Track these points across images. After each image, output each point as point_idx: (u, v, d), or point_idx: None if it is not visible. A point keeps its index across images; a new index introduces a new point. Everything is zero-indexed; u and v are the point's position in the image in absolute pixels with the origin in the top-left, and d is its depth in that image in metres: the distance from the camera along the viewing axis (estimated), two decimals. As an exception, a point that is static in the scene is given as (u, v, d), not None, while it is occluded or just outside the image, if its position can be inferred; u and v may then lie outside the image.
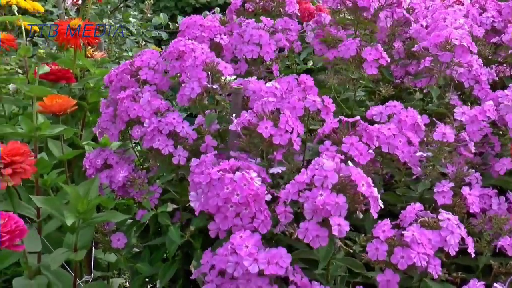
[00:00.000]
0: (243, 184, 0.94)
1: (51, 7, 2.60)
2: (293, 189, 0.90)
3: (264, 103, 1.05)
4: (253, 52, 1.29)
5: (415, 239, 0.88)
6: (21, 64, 1.92)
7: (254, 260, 0.89)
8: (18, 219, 0.93)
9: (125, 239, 1.19)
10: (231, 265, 0.89)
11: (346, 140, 1.01)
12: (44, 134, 1.30)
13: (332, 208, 0.86)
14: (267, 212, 0.96)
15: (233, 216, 0.95)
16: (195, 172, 1.04)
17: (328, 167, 0.88)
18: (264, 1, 1.48)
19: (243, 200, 0.94)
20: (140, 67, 1.25)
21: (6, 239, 0.90)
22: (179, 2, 4.64)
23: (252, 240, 0.91)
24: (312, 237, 0.87)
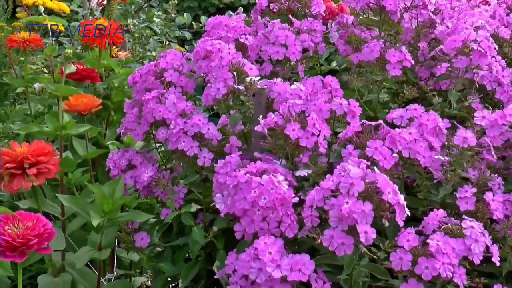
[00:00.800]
0: (270, 188, 0.93)
1: (76, 7, 2.62)
2: (318, 195, 0.89)
3: (291, 105, 1.04)
4: (279, 53, 1.28)
5: (440, 249, 0.86)
6: (47, 63, 1.95)
7: (277, 267, 0.88)
8: (46, 222, 0.92)
9: (148, 238, 1.20)
10: (253, 271, 0.89)
11: (370, 144, 0.99)
12: (69, 133, 1.31)
13: (359, 216, 0.85)
14: (293, 216, 0.95)
15: (259, 220, 0.94)
16: (219, 172, 1.04)
17: (354, 174, 0.87)
18: (290, 2, 1.48)
19: (270, 204, 0.93)
20: (165, 69, 1.25)
21: (35, 243, 0.89)
22: (203, 2, 4.66)
23: (276, 246, 0.90)
24: (337, 244, 0.86)
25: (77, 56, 1.66)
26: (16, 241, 0.88)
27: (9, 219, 0.91)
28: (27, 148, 1.17)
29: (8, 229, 0.89)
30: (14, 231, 0.89)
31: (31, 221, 0.91)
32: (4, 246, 0.88)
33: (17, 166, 1.14)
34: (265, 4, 1.47)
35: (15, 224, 0.90)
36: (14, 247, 0.88)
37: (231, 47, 1.23)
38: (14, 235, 0.88)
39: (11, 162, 1.14)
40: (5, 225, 0.90)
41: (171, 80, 1.24)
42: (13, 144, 1.19)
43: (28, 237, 0.89)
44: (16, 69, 1.82)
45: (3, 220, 0.90)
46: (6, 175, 1.14)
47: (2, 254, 0.88)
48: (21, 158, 1.14)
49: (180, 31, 2.83)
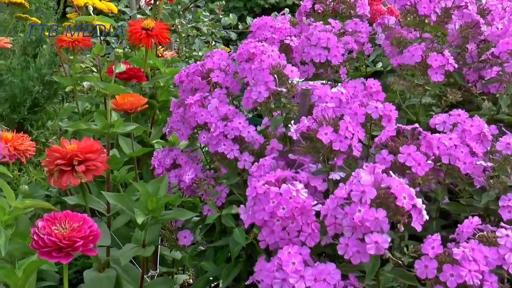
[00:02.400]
0: (289, 198, 0.92)
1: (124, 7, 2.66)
2: (333, 204, 0.87)
3: (324, 108, 1.04)
4: (321, 56, 1.27)
5: (465, 256, 0.84)
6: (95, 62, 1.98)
7: (301, 277, 0.86)
8: (92, 223, 0.92)
9: (191, 237, 1.21)
10: (277, 282, 0.87)
11: (403, 150, 0.97)
12: (117, 131, 1.33)
13: (372, 224, 0.83)
14: (315, 224, 0.94)
15: (279, 230, 0.94)
16: (254, 175, 1.04)
17: (365, 181, 0.85)
18: (334, 3, 1.47)
19: (288, 213, 0.92)
20: (211, 69, 1.26)
21: (80, 245, 0.89)
22: (248, 3, 4.67)
23: (300, 256, 0.89)
24: (353, 253, 0.85)
25: (124, 55, 1.69)
26: (62, 242, 0.88)
27: (56, 219, 0.91)
28: (77, 145, 1.19)
29: (55, 229, 0.89)
30: (60, 231, 0.89)
31: (77, 222, 0.91)
32: (50, 246, 0.88)
33: (67, 163, 1.16)
34: (310, 6, 1.47)
35: (62, 224, 0.91)
36: (60, 248, 0.88)
37: (274, 49, 1.23)
38: (60, 236, 0.88)
39: (61, 158, 1.16)
40: (52, 224, 0.90)
41: (217, 80, 1.24)
42: (63, 141, 1.21)
43: (74, 239, 0.89)
44: (66, 68, 1.85)
45: (50, 220, 0.91)
46: (56, 171, 1.17)
47: (48, 255, 0.88)
48: (71, 155, 1.16)
49: (225, 31, 2.84)
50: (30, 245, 0.90)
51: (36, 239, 0.88)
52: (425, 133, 1.01)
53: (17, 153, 1.23)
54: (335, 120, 1.01)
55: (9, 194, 0.93)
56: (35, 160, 1.88)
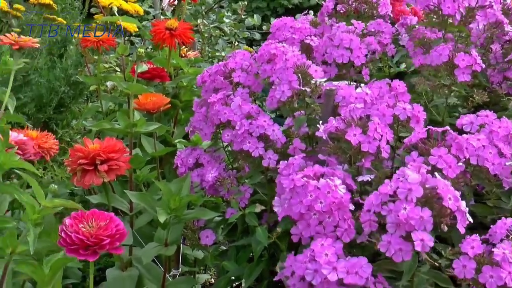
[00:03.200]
0: (327, 192, 0.93)
1: (148, 7, 2.68)
2: (376, 200, 0.88)
3: (352, 109, 1.03)
4: (343, 56, 1.27)
5: (506, 257, 0.83)
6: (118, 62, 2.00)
7: (333, 269, 0.87)
8: (118, 222, 0.93)
9: (213, 236, 1.21)
10: (309, 272, 0.88)
11: (434, 152, 0.96)
12: (139, 131, 1.34)
13: (416, 222, 0.83)
14: (351, 221, 0.94)
15: (315, 224, 0.94)
16: (282, 174, 1.04)
17: (412, 179, 0.85)
18: (357, 3, 1.47)
19: (326, 208, 0.93)
20: (233, 69, 1.26)
21: (107, 243, 0.89)
22: (271, 3, 4.67)
23: (333, 248, 0.90)
24: (395, 250, 0.85)
25: (148, 55, 1.70)
26: (89, 240, 0.89)
27: (83, 217, 0.92)
28: (99, 145, 1.20)
29: (82, 227, 0.90)
30: (87, 229, 0.90)
31: (104, 220, 0.92)
32: (77, 244, 0.89)
33: (89, 162, 1.17)
34: (332, 6, 1.46)
35: (89, 222, 0.91)
36: (87, 246, 0.89)
37: (295, 49, 1.23)
38: (87, 234, 0.89)
39: (84, 158, 1.17)
40: (79, 222, 0.91)
41: (239, 80, 1.25)
42: (86, 140, 1.22)
43: (100, 237, 0.89)
44: (90, 68, 1.87)
45: (77, 218, 0.92)
46: (78, 170, 1.18)
47: (75, 252, 0.89)
48: (93, 155, 1.17)
49: (249, 31, 2.84)
50: (58, 243, 0.91)
51: (64, 237, 0.90)
52: (455, 135, 1.00)
53: (41, 151, 1.24)
54: (363, 120, 1.01)
55: (39, 192, 0.93)
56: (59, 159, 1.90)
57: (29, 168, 1.01)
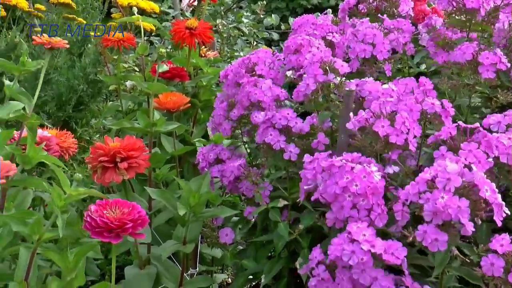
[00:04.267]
0: (363, 176, 0.94)
1: (167, 8, 2.69)
2: (413, 189, 0.88)
3: (382, 102, 1.04)
4: (366, 51, 1.27)
5: None
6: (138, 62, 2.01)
7: (372, 246, 0.88)
8: (140, 209, 0.98)
9: (232, 234, 1.21)
10: (347, 253, 0.89)
11: (464, 147, 0.97)
12: (159, 130, 1.35)
13: (454, 211, 0.83)
14: (384, 206, 0.95)
15: (350, 206, 0.95)
16: (307, 168, 1.04)
17: (451, 169, 0.86)
18: (377, 1, 1.46)
19: (361, 191, 0.94)
20: (256, 63, 1.27)
21: (130, 227, 0.95)
22: (290, 3, 4.67)
23: (370, 229, 0.91)
24: (431, 240, 0.85)
25: (168, 55, 1.70)
26: (113, 223, 0.94)
27: (107, 204, 0.98)
28: (119, 143, 1.21)
29: (106, 213, 0.96)
30: (111, 215, 0.96)
31: (127, 208, 0.98)
32: (102, 227, 0.94)
33: (110, 160, 1.18)
34: (354, 2, 1.46)
35: (113, 209, 0.97)
36: (110, 229, 0.95)
37: (321, 41, 1.24)
38: (111, 218, 0.95)
39: (104, 155, 1.19)
40: (104, 209, 0.96)
41: (261, 73, 1.26)
42: (107, 138, 1.24)
43: (124, 220, 0.95)
44: (110, 67, 1.88)
45: (102, 205, 0.97)
46: (99, 168, 1.20)
47: (100, 234, 0.94)
48: (114, 152, 1.18)
49: (267, 31, 2.85)
50: (83, 227, 0.97)
51: (89, 221, 0.96)
52: (485, 133, 1.00)
53: (60, 150, 1.26)
54: (391, 115, 1.01)
55: (65, 181, 0.97)
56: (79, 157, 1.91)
57: (56, 162, 1.04)
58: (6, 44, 1.96)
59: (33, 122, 1.05)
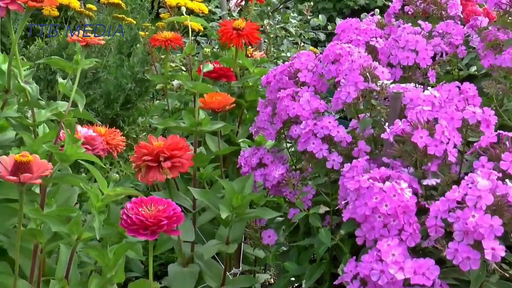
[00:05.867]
0: (393, 195, 0.92)
1: (214, 7, 2.71)
2: (443, 206, 0.86)
3: (419, 111, 1.02)
4: (409, 58, 1.24)
5: None
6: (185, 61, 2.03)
7: (400, 269, 0.87)
8: (176, 207, 0.98)
9: (275, 236, 1.21)
10: (375, 272, 0.88)
11: (505, 157, 0.93)
12: (204, 129, 1.36)
13: (485, 231, 0.81)
14: (416, 225, 0.93)
15: (380, 226, 0.93)
16: (346, 176, 1.03)
17: (482, 186, 0.83)
18: (425, 4, 1.44)
19: (391, 211, 0.92)
20: (299, 69, 1.26)
21: (165, 223, 0.95)
22: (337, 4, 4.64)
23: (400, 248, 0.89)
24: (462, 258, 0.83)
25: (214, 55, 1.71)
26: (148, 220, 0.94)
27: (143, 202, 0.98)
28: (163, 142, 1.23)
29: (142, 210, 0.96)
30: (147, 212, 0.96)
31: (162, 205, 0.98)
32: (138, 224, 0.95)
33: (153, 159, 1.20)
34: (399, 7, 1.44)
35: (148, 207, 0.97)
36: (146, 226, 0.95)
37: (361, 50, 1.22)
38: (147, 215, 0.95)
39: (148, 155, 1.20)
40: (139, 207, 0.97)
41: (304, 80, 1.24)
42: (151, 137, 1.25)
43: (159, 218, 0.95)
44: (157, 67, 1.91)
45: (137, 203, 0.97)
46: (143, 166, 1.21)
47: (136, 232, 0.95)
48: (157, 152, 1.20)
49: (314, 32, 2.83)
50: (120, 224, 0.97)
51: (125, 218, 0.96)
52: None
53: (109, 147, 1.28)
54: (430, 123, 0.99)
55: (102, 182, 0.99)
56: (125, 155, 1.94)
57: (94, 160, 1.05)
58: (58, 43, 2.00)
59: (70, 120, 1.07)
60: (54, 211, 1.02)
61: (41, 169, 0.92)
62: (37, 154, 1.01)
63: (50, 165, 0.94)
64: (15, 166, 0.90)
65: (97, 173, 0.99)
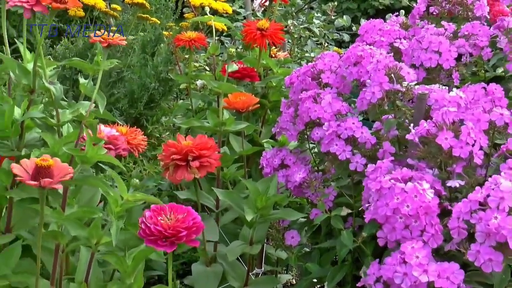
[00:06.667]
0: (414, 196, 0.91)
1: (238, 7, 2.71)
2: (465, 208, 0.85)
3: (445, 112, 1.00)
4: (432, 60, 1.22)
5: None
6: (208, 61, 2.04)
7: (424, 271, 0.86)
8: (195, 215, 0.96)
9: (298, 237, 1.21)
10: (398, 275, 0.87)
11: None
12: (228, 129, 1.36)
13: (509, 232, 0.80)
14: (438, 226, 0.92)
15: (401, 227, 0.93)
16: (369, 177, 1.03)
17: (505, 187, 0.82)
18: (450, 5, 1.42)
19: (413, 212, 0.91)
20: (322, 70, 1.26)
21: (184, 235, 0.93)
22: (362, 4, 4.62)
23: (424, 251, 0.88)
24: (484, 260, 0.82)
25: (238, 55, 1.72)
26: (167, 231, 0.92)
27: (162, 210, 0.96)
28: (192, 141, 1.23)
29: (161, 219, 0.94)
30: (166, 221, 0.94)
31: (181, 213, 0.96)
32: (156, 235, 0.92)
33: (182, 158, 1.20)
34: (424, 8, 1.42)
35: (167, 215, 0.95)
36: (165, 237, 0.93)
37: (383, 52, 1.21)
38: (165, 225, 0.93)
39: (177, 154, 1.21)
40: (158, 215, 0.95)
41: (327, 81, 1.24)
42: (179, 136, 1.26)
43: (178, 228, 0.93)
44: (181, 66, 1.91)
45: (156, 211, 0.95)
46: (171, 165, 1.22)
47: (154, 243, 0.93)
48: (186, 151, 1.20)
49: (337, 32, 2.82)
50: (138, 233, 0.95)
51: (144, 228, 0.94)
52: None
53: (130, 147, 1.28)
54: (456, 125, 0.98)
55: (122, 186, 0.98)
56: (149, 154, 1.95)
57: (115, 163, 1.05)
58: (83, 42, 2.02)
59: (92, 121, 1.07)
60: (74, 213, 1.02)
61: (62, 173, 0.91)
62: (58, 155, 1.01)
63: (71, 169, 0.93)
64: (36, 170, 0.89)
65: (117, 177, 0.98)
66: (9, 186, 1.07)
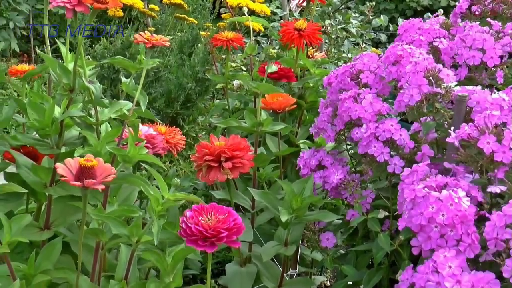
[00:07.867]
0: (450, 204, 0.89)
1: (275, 8, 2.71)
2: (500, 222, 0.83)
3: (487, 116, 0.98)
4: (475, 57, 1.20)
5: None
6: (245, 61, 2.04)
7: (457, 282, 0.83)
8: (236, 216, 0.96)
9: (334, 239, 1.20)
10: (431, 284, 0.85)
11: None
12: (265, 130, 1.36)
13: None
14: (475, 235, 0.89)
15: (437, 237, 0.90)
16: (405, 182, 1.01)
17: None
18: (494, 3, 1.40)
19: (448, 221, 0.89)
20: (361, 70, 1.24)
21: (224, 236, 0.92)
22: (400, 5, 4.57)
23: (457, 260, 0.85)
24: None
25: (275, 55, 1.71)
26: (208, 232, 0.92)
27: (203, 210, 0.96)
28: (224, 142, 1.23)
29: (201, 220, 0.94)
30: (206, 222, 0.94)
31: (222, 214, 0.95)
32: (196, 235, 0.92)
33: (215, 159, 1.21)
34: (466, 6, 1.40)
35: (208, 215, 0.95)
36: (205, 238, 0.93)
37: (422, 51, 1.19)
38: (206, 226, 0.93)
39: (209, 154, 1.21)
40: (199, 215, 0.95)
41: (366, 82, 1.23)
42: (212, 137, 1.26)
43: (219, 229, 0.92)
44: (218, 66, 1.92)
45: (197, 211, 0.95)
46: (204, 166, 1.22)
47: (194, 243, 0.93)
48: (219, 152, 1.20)
49: (375, 33, 2.80)
50: (178, 233, 0.95)
51: (184, 228, 0.94)
52: None
53: (169, 146, 1.29)
54: (498, 129, 0.96)
55: (163, 186, 0.98)
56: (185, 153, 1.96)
57: (156, 162, 1.06)
58: (121, 42, 2.04)
59: (134, 121, 1.08)
60: (115, 211, 1.03)
61: (104, 174, 0.92)
62: (101, 154, 1.02)
63: (114, 170, 0.94)
64: (80, 171, 0.90)
65: (158, 176, 0.98)
66: (48, 183, 1.08)
